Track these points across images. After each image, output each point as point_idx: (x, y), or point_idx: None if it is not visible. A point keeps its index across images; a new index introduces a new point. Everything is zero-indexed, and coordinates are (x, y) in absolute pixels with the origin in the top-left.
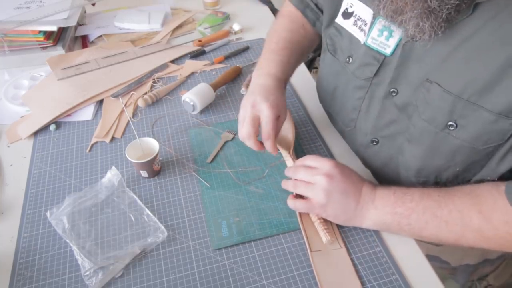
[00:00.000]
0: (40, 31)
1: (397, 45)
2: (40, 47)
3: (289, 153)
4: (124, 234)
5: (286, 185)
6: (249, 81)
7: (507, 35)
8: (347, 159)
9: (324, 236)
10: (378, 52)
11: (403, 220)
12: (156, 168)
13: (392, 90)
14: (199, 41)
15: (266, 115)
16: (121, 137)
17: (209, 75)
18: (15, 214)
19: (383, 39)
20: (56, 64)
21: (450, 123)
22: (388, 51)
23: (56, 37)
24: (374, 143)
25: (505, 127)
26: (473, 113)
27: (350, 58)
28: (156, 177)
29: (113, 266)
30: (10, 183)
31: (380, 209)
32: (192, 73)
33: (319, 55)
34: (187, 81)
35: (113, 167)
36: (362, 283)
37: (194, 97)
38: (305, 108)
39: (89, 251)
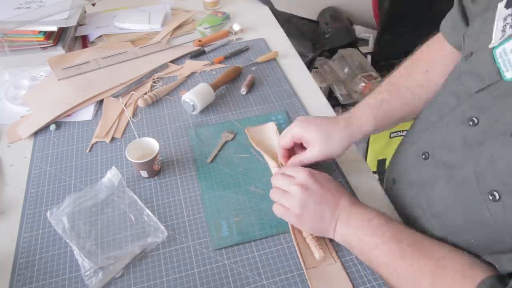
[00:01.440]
0: (40, 31)
1: None
2: (40, 47)
3: (277, 164)
4: (124, 234)
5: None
6: (249, 81)
7: None
8: (348, 160)
9: (317, 252)
10: (498, 69)
11: (365, 249)
12: (156, 168)
13: (473, 117)
14: (199, 41)
15: (308, 157)
16: (121, 137)
17: (209, 75)
18: (15, 214)
19: None
20: (56, 64)
21: (494, 192)
22: (508, 75)
23: (56, 37)
24: (424, 157)
25: None
26: None
27: (470, 55)
28: (156, 177)
29: (113, 266)
30: (10, 183)
31: (350, 230)
32: (192, 73)
33: (319, 55)
34: (187, 81)
35: (113, 167)
36: (362, 283)
37: (194, 97)
38: (305, 108)
39: (89, 251)
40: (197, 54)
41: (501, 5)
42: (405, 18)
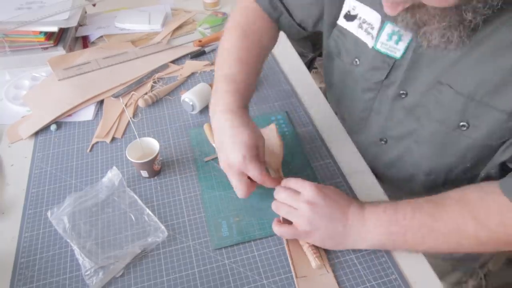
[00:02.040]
0: (41, 32)
1: (406, 48)
2: (41, 48)
3: (278, 172)
4: (125, 233)
5: (272, 205)
6: None
7: None
8: (349, 160)
9: (314, 261)
10: (387, 56)
11: (399, 238)
12: (156, 168)
13: (401, 92)
14: (199, 41)
15: (252, 173)
16: (122, 137)
17: (209, 75)
18: (16, 214)
19: (393, 43)
20: (57, 65)
21: (462, 123)
22: (398, 54)
23: (57, 37)
24: (383, 142)
25: None
26: (485, 113)
27: (357, 60)
28: (156, 177)
29: (114, 266)
30: (11, 183)
31: (373, 231)
32: (192, 73)
33: (319, 55)
34: (187, 81)
35: (114, 167)
36: (362, 283)
37: (193, 96)
38: (305, 108)
39: (89, 250)
40: (197, 54)
41: (341, 22)
42: None
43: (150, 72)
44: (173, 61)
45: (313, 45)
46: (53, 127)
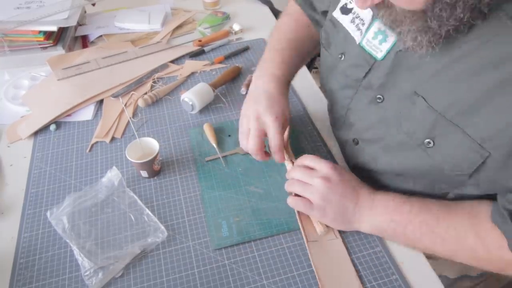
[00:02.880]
0: (40, 31)
1: (389, 51)
2: (40, 47)
3: (287, 153)
4: (124, 234)
5: (286, 185)
6: (249, 81)
7: (497, 60)
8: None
9: (318, 227)
10: (370, 54)
11: (399, 228)
12: (156, 168)
13: (378, 96)
14: (199, 41)
15: (273, 129)
16: (121, 137)
17: (209, 75)
18: (15, 214)
19: (377, 42)
20: (56, 64)
21: (427, 140)
22: (379, 55)
23: (56, 37)
24: (355, 143)
25: (475, 157)
26: (452, 134)
27: (343, 55)
28: (156, 177)
29: (113, 266)
30: (10, 183)
31: (378, 215)
32: (192, 73)
33: (319, 55)
34: (187, 81)
35: (114, 167)
36: (362, 283)
37: (193, 96)
38: (305, 108)
39: (89, 251)
40: (197, 54)
41: (336, 14)
42: None
43: (149, 72)
44: (173, 61)
45: None
46: (52, 127)
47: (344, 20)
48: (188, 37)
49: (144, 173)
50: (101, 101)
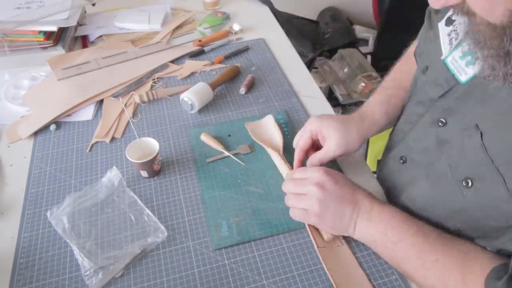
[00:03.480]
0: (40, 31)
1: (474, 75)
2: (40, 47)
3: (280, 155)
4: (124, 234)
5: (285, 200)
6: (249, 81)
7: None
8: (348, 160)
9: (325, 234)
10: (453, 75)
11: (389, 244)
12: (156, 168)
13: (441, 119)
14: (199, 41)
15: (326, 152)
16: (121, 137)
17: (209, 75)
18: (15, 214)
19: (463, 63)
20: (56, 64)
21: (467, 179)
22: (463, 78)
23: (56, 37)
24: (402, 161)
25: (509, 210)
26: (493, 181)
27: (427, 69)
28: (156, 177)
29: (113, 266)
30: (10, 183)
31: (373, 224)
32: (192, 73)
33: (319, 55)
34: (187, 81)
35: (114, 167)
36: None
37: (192, 96)
38: (305, 108)
39: (89, 251)
40: (197, 54)
41: (441, 25)
42: (405, 18)
43: (149, 72)
44: (173, 61)
45: (313, 45)
46: (52, 127)
47: (444, 31)
48: (188, 37)
49: (144, 173)
50: (101, 101)
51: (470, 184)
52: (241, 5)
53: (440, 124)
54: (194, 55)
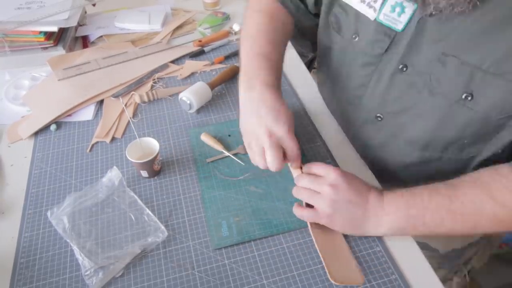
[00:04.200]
0: (40, 32)
1: (409, 20)
2: (41, 48)
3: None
4: (125, 233)
5: (293, 191)
6: None
7: None
8: (347, 159)
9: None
10: (389, 28)
11: (418, 221)
12: (156, 168)
13: (402, 66)
14: (199, 41)
15: (290, 141)
16: (122, 137)
17: (209, 75)
18: (15, 214)
19: (395, 15)
20: (56, 64)
21: (465, 94)
22: (399, 27)
23: (57, 37)
24: (379, 119)
25: None
26: (492, 82)
27: (357, 36)
28: (156, 177)
29: (114, 266)
30: (10, 183)
31: (393, 215)
32: (192, 73)
33: (320, 56)
34: (187, 81)
35: (114, 167)
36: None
37: (190, 95)
38: (305, 108)
39: (89, 250)
40: (197, 54)
41: None
42: None
43: (150, 72)
44: (173, 61)
45: (313, 45)
46: (53, 127)
47: (353, 2)
48: (188, 37)
49: (144, 173)
50: (102, 101)
51: (470, 97)
52: (241, 5)
53: (403, 70)
54: (194, 55)
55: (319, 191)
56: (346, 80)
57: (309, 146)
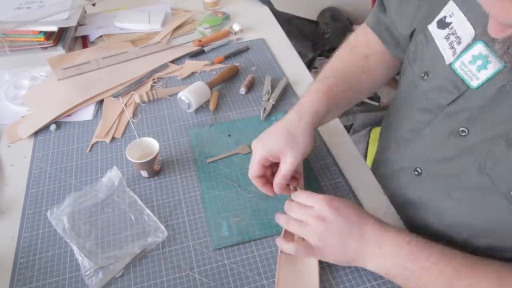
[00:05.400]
0: (40, 31)
1: (487, 80)
2: (41, 47)
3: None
4: (124, 233)
5: (278, 218)
6: (249, 81)
7: None
8: (353, 169)
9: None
10: (462, 80)
11: (412, 277)
12: (156, 168)
13: (462, 129)
14: (199, 41)
15: (287, 167)
16: (121, 137)
17: (209, 75)
18: (15, 214)
19: (474, 68)
20: (56, 64)
21: None
22: (474, 83)
23: (57, 37)
24: (416, 173)
25: None
26: None
27: (426, 75)
28: (156, 177)
29: (113, 266)
30: (10, 183)
31: (389, 259)
32: (192, 73)
33: (319, 55)
34: (187, 81)
35: (114, 167)
36: (362, 283)
37: (189, 95)
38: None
39: (89, 250)
40: (197, 54)
41: (432, 27)
42: None
43: (149, 72)
44: (173, 61)
45: (313, 45)
46: (52, 127)
47: (438, 35)
48: (188, 37)
49: (144, 173)
50: (101, 101)
51: None
52: (241, 5)
53: (462, 134)
54: (194, 55)
55: (307, 222)
56: (402, 119)
57: (313, 154)
